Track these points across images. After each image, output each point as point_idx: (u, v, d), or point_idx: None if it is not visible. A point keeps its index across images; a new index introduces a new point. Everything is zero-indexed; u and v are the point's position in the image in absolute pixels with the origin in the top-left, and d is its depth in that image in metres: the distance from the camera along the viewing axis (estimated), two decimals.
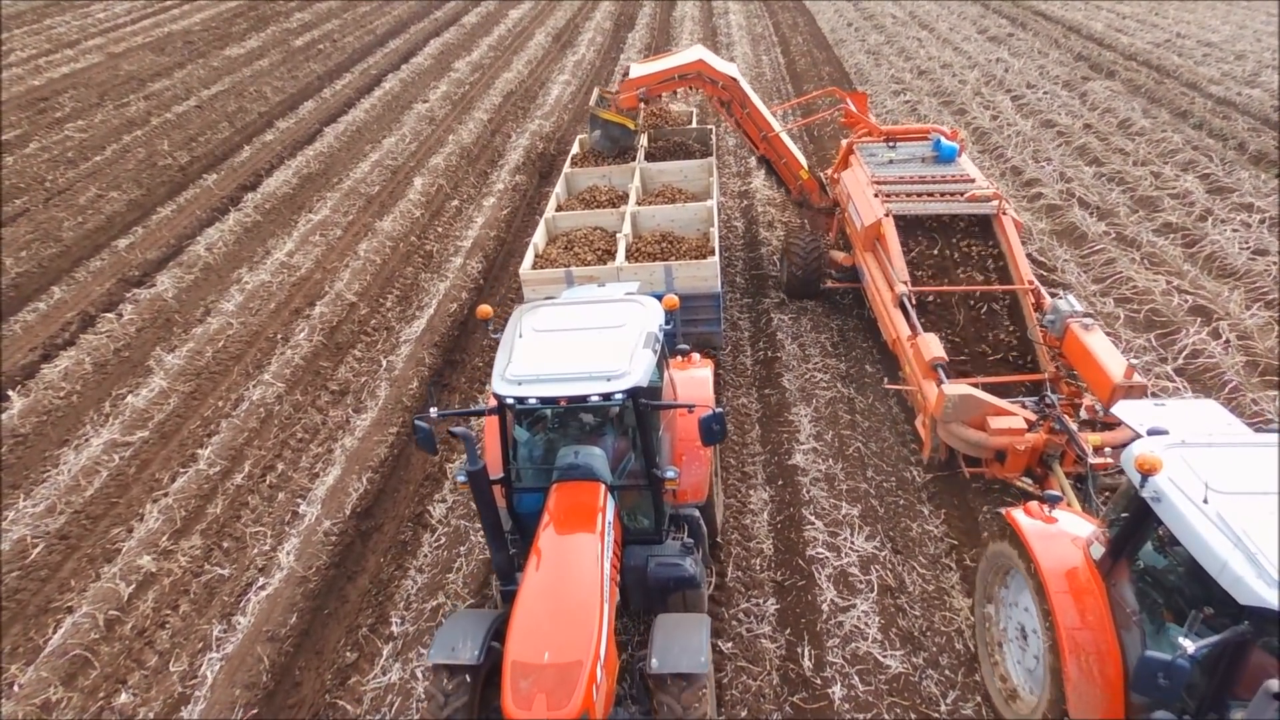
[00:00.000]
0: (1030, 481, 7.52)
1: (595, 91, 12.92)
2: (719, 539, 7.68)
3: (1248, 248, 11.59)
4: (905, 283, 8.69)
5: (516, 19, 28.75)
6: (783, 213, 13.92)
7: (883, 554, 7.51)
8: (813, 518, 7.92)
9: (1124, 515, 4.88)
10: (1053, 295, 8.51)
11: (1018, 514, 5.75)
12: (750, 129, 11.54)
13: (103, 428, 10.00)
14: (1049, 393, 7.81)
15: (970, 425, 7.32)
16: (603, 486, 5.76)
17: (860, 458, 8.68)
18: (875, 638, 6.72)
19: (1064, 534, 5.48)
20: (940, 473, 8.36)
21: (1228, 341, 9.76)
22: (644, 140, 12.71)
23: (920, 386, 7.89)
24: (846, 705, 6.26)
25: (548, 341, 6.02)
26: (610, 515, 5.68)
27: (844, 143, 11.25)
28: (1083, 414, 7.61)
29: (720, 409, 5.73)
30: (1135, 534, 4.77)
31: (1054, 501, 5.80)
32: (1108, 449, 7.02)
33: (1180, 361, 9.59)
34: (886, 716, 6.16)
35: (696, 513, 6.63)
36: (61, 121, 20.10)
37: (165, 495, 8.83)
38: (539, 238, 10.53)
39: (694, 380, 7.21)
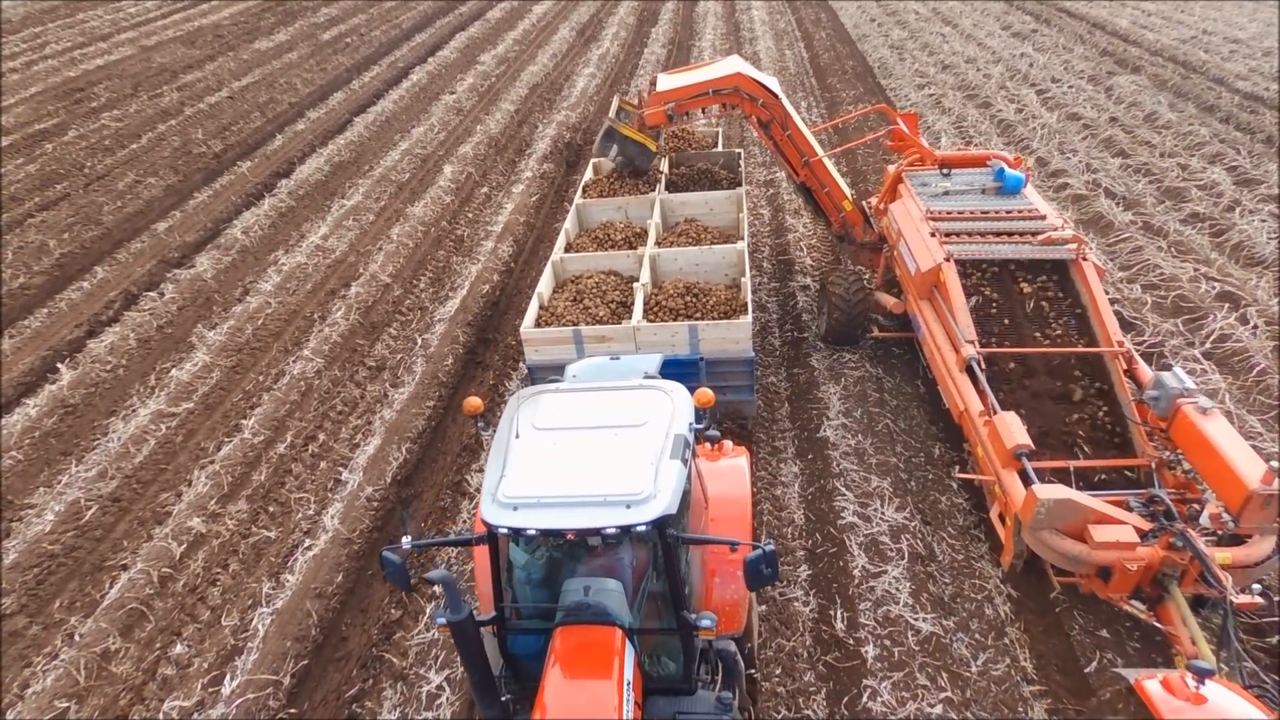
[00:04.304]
0: (1142, 607, 6.11)
1: (614, 101, 11.59)
2: (755, 668, 6.32)
3: (1276, 237, 11.64)
4: (973, 342, 7.43)
5: (540, 14, 29.04)
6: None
7: (912, 524, 7.67)
8: (843, 489, 8.09)
9: None
10: (1154, 365, 7.15)
11: (1152, 687, 4.41)
12: (790, 153, 10.38)
13: (149, 399, 10.31)
14: (1157, 488, 6.50)
15: (1066, 533, 6.00)
16: (619, 631, 4.58)
17: (889, 434, 8.84)
18: (906, 602, 6.89)
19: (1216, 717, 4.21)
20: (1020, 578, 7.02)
21: (1256, 326, 9.83)
22: (664, 166, 11.53)
23: (999, 478, 6.54)
24: (879, 665, 6.42)
25: (551, 446, 4.82)
26: (630, 668, 4.52)
27: (890, 169, 10.09)
28: (1204, 519, 6.15)
29: (770, 545, 4.52)
30: None
31: (1205, 675, 4.32)
32: (1255, 585, 5.79)
33: (1208, 346, 9.68)
34: (919, 675, 6.32)
35: (732, 646, 5.30)
36: (97, 111, 20.55)
37: (212, 462, 9.11)
38: (544, 285, 9.29)
39: (726, 475, 6.13)
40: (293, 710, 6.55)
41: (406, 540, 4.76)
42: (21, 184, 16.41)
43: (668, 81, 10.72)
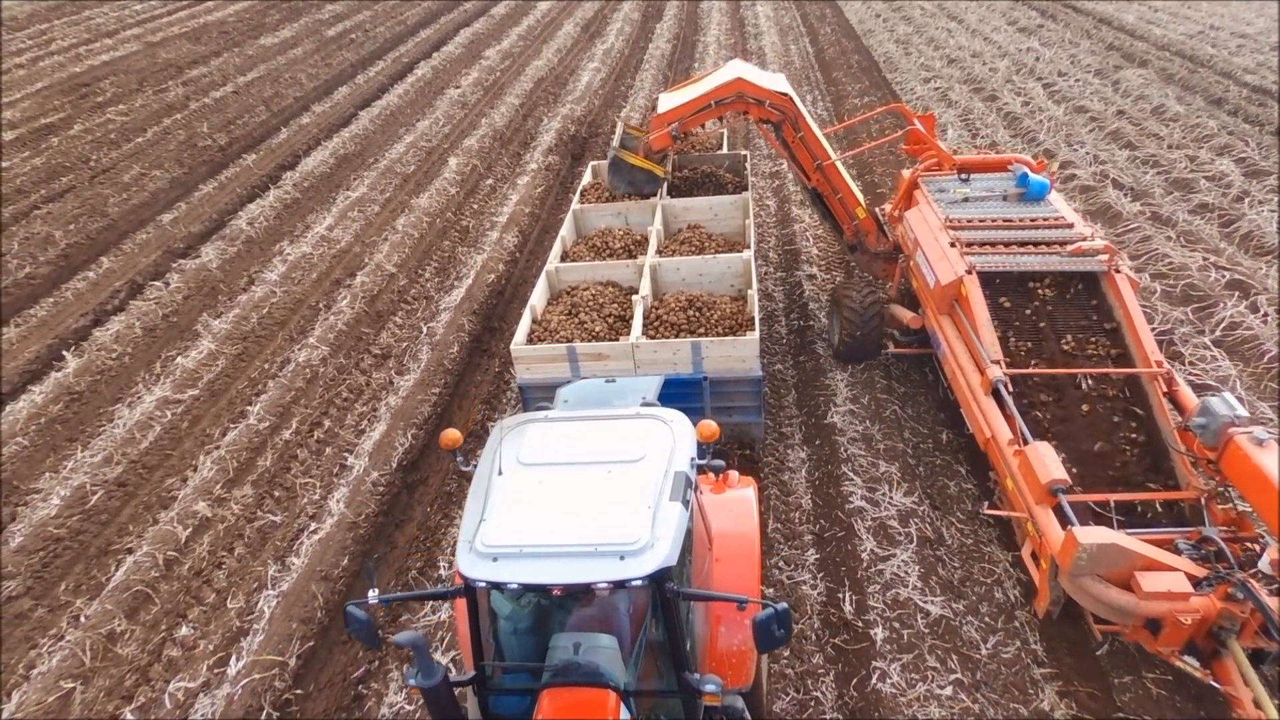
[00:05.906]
0: (1196, 663, 5.47)
1: (618, 128, 10.97)
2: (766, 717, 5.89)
3: None
4: (999, 362, 6.91)
5: (545, 10, 29.04)
6: None
7: (921, 508, 7.63)
8: (851, 474, 8.05)
9: None
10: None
11: None
12: (803, 156, 9.72)
13: (154, 386, 10.30)
14: (1208, 527, 5.86)
15: (1110, 580, 5.37)
16: (613, 694, 4.12)
17: (897, 420, 8.79)
18: (915, 585, 6.84)
19: None
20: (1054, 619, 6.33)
21: (1266, 315, 9.77)
22: (667, 167, 10.85)
23: (1033, 515, 5.96)
24: (888, 647, 6.38)
25: (536, 484, 4.39)
26: None
27: (905, 174, 9.61)
28: (1264, 564, 5.45)
29: (784, 604, 4.09)
30: None
31: None
32: None
33: (1218, 334, 9.62)
34: (928, 657, 6.28)
35: (740, 703, 4.80)
36: (103, 105, 20.59)
37: (217, 448, 9.10)
38: (538, 298, 8.74)
39: (731, 508, 5.59)
40: (298, 691, 6.54)
41: (373, 595, 4.25)
42: (27, 177, 16.45)
43: (669, 101, 10.21)
